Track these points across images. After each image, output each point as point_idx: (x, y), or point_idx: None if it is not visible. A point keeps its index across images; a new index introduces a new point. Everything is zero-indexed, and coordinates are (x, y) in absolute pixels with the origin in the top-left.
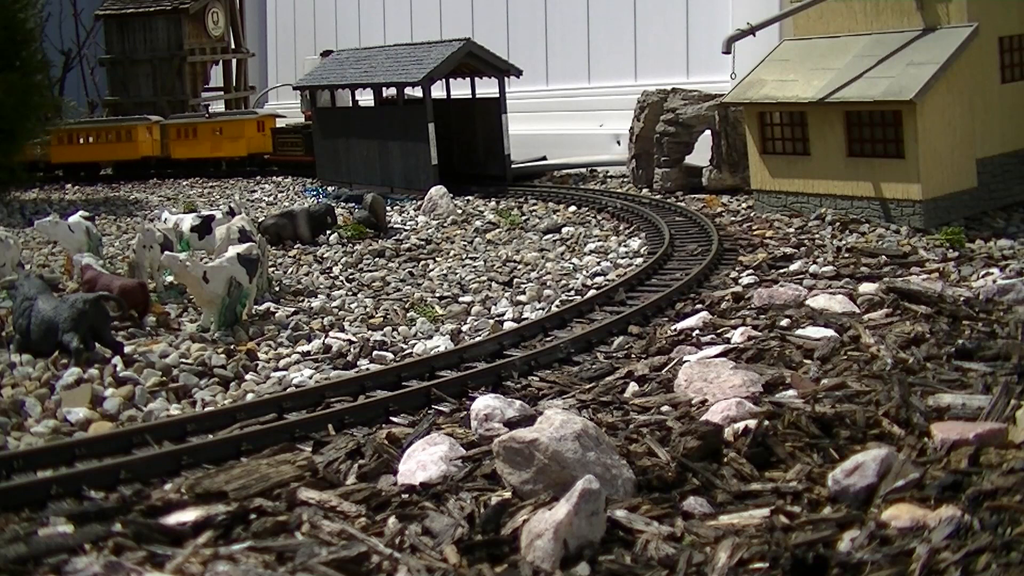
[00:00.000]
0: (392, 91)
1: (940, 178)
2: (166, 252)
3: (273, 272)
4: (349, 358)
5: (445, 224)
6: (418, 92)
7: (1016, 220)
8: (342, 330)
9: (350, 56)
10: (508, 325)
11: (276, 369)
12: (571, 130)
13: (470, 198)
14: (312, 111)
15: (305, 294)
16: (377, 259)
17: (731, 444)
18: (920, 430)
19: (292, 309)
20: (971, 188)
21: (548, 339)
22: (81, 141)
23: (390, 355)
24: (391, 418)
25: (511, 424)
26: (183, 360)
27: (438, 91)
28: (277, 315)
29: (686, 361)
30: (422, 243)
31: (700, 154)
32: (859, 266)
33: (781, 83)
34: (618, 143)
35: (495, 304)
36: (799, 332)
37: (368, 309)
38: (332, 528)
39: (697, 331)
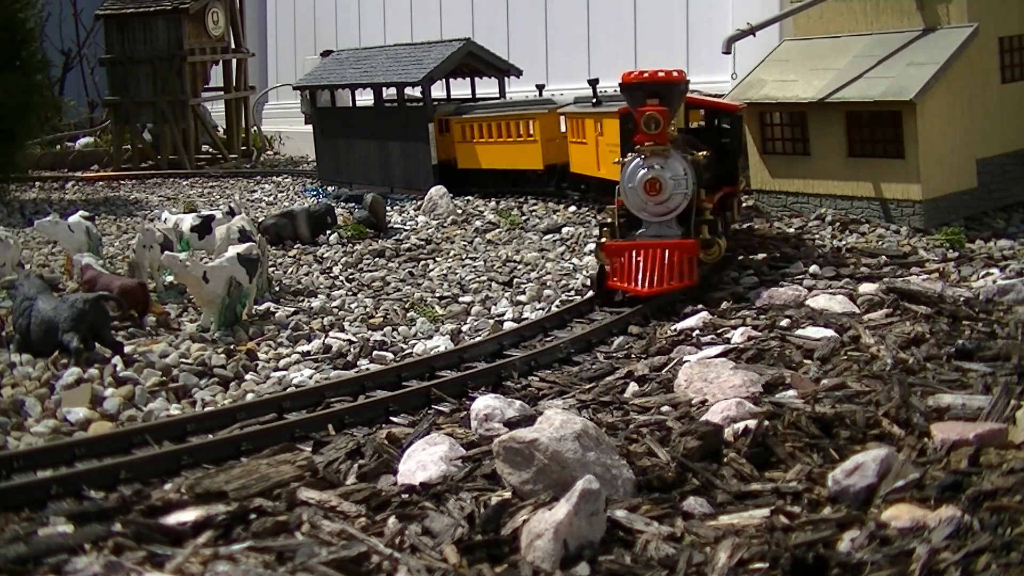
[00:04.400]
0: (392, 91)
1: (940, 178)
2: (166, 252)
3: (273, 272)
4: (349, 358)
5: (445, 224)
6: (418, 92)
7: (1016, 220)
8: (342, 330)
9: (350, 56)
10: (508, 325)
11: (276, 369)
12: None
13: (470, 198)
14: (312, 111)
15: (305, 294)
16: (377, 259)
17: (731, 444)
18: (920, 430)
19: (292, 309)
20: (971, 188)
21: (548, 339)
22: (480, 139)
23: (390, 355)
24: (391, 418)
25: (511, 424)
26: (183, 360)
27: (438, 91)
28: (277, 315)
29: (686, 361)
30: (422, 243)
31: None
32: (859, 266)
33: (781, 83)
34: None
35: (495, 304)
36: (799, 332)
37: (368, 309)
38: (332, 528)
39: (697, 331)
